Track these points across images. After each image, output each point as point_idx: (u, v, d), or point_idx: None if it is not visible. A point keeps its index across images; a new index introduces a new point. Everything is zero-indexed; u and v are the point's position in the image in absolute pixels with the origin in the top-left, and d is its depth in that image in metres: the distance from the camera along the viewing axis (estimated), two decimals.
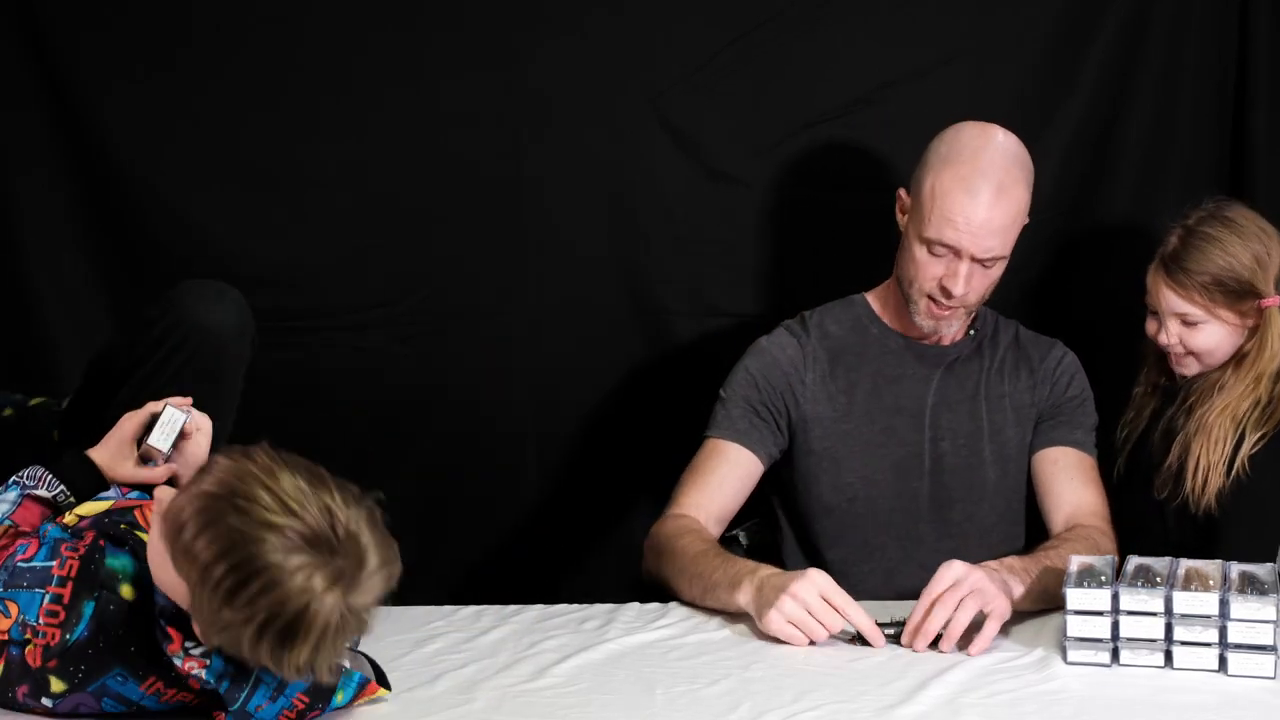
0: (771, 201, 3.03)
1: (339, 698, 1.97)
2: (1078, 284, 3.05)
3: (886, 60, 2.99)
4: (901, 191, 2.63)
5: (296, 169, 3.01)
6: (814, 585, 2.28)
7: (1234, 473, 2.55)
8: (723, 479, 2.62)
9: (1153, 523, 2.62)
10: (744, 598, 2.35)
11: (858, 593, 2.56)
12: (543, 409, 3.09)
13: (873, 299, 2.73)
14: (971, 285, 2.55)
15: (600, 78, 2.99)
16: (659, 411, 3.05)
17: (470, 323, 3.06)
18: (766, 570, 2.37)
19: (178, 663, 1.88)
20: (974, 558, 2.44)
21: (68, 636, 1.91)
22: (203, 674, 1.87)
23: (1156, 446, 2.66)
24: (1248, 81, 2.97)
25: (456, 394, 3.08)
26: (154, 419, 2.17)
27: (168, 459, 2.18)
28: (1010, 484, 2.69)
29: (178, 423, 2.17)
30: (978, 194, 2.49)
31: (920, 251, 2.55)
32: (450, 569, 3.12)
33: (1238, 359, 2.60)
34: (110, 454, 2.18)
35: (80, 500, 2.11)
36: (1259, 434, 2.56)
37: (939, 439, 2.66)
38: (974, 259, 2.52)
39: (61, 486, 2.11)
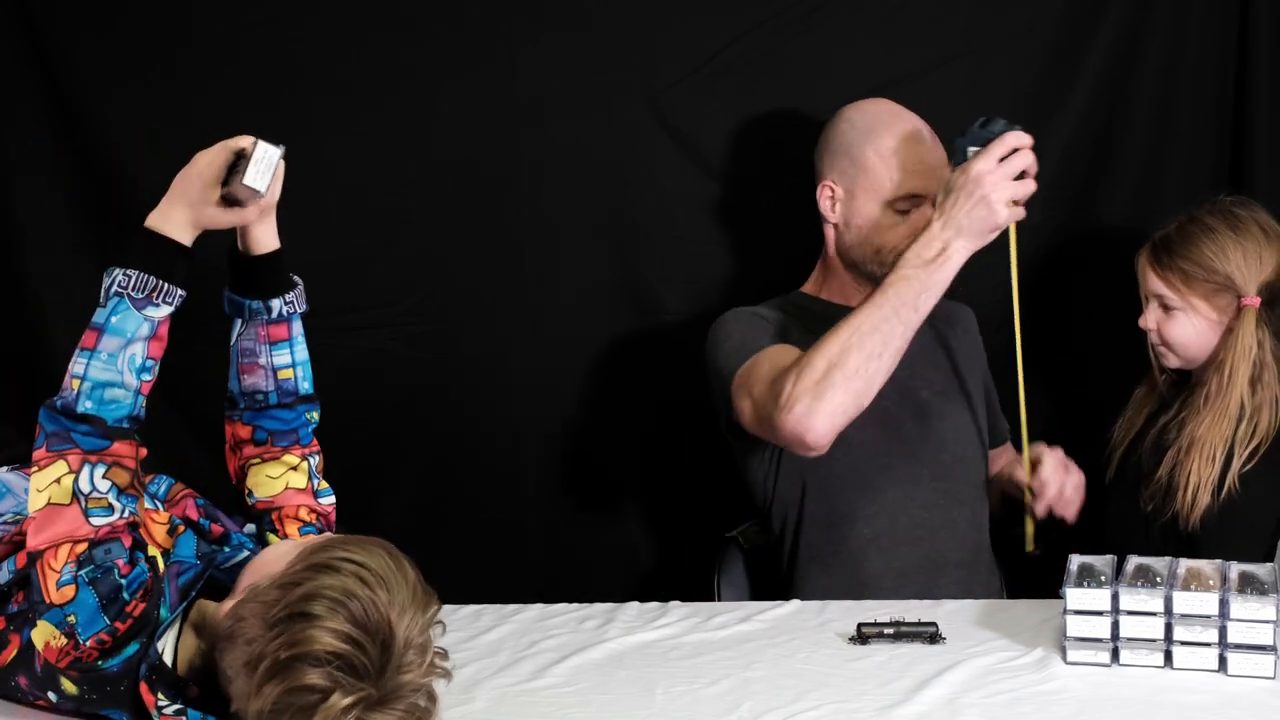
0: (771, 201, 3.03)
1: None
2: (1077, 284, 3.05)
3: (886, 60, 2.98)
4: (829, 183, 2.71)
5: (296, 169, 2.99)
6: (984, 170, 2.35)
7: (1225, 491, 2.53)
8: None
9: (1137, 535, 2.60)
10: (962, 244, 2.37)
11: (865, 539, 2.65)
12: (542, 409, 3.09)
13: (808, 289, 2.81)
14: None
15: (600, 77, 2.98)
16: (658, 411, 3.05)
17: (469, 322, 3.06)
18: (932, 223, 2.39)
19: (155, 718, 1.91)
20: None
21: (100, 664, 1.91)
22: None
23: (1146, 456, 2.65)
24: (1248, 81, 2.97)
25: (455, 394, 3.08)
26: (239, 157, 2.01)
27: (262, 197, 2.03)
28: (981, 426, 2.79)
29: (273, 160, 2.02)
30: (923, 140, 2.66)
31: (889, 217, 2.65)
32: (450, 569, 3.11)
33: (1218, 365, 2.58)
34: (192, 201, 2.04)
35: (175, 280, 2.01)
36: (1248, 449, 2.54)
37: (918, 390, 2.71)
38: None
39: (162, 284, 2.01)
